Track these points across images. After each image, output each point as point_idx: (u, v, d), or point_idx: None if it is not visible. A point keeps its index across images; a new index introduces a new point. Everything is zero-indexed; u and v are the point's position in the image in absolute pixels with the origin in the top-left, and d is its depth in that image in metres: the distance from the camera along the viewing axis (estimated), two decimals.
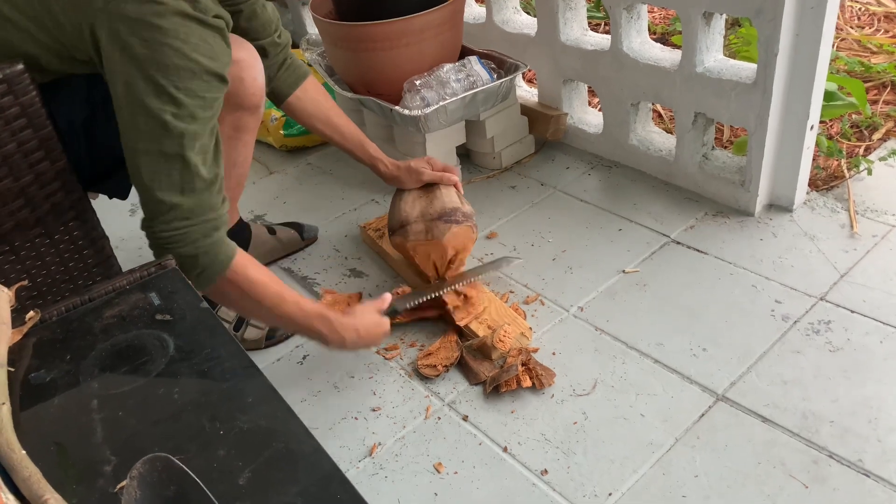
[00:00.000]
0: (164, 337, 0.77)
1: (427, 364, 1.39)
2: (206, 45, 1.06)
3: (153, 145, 1.07)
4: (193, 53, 1.04)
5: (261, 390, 0.69)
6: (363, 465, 1.24)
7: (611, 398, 1.30)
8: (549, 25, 1.91)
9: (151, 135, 1.06)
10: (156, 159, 1.07)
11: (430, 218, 1.52)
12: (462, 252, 1.53)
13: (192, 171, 1.09)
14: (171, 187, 1.09)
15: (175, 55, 1.03)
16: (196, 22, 1.04)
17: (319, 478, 0.60)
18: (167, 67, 1.03)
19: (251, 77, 1.25)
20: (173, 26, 1.02)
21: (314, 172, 2.11)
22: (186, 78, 1.05)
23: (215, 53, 1.07)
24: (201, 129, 1.09)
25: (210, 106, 1.10)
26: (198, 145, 1.09)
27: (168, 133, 1.06)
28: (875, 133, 1.94)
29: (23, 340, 0.78)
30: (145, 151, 1.07)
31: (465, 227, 1.50)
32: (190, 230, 1.10)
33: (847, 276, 1.48)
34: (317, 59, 2.10)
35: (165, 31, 1.02)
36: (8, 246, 1.12)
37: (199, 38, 1.05)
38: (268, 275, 1.21)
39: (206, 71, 1.06)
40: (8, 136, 1.04)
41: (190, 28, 1.04)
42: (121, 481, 0.58)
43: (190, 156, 1.08)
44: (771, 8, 1.43)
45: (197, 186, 1.10)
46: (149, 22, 1.01)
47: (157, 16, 1.01)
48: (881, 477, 1.11)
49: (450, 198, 1.56)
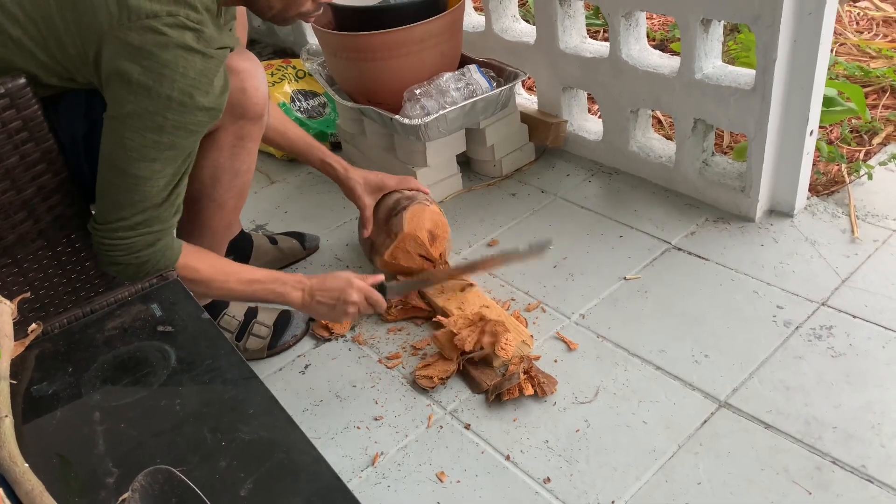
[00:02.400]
0: (165, 348, 0.77)
1: (424, 375, 1.39)
2: (205, 80, 1.07)
3: (124, 164, 1.08)
4: (190, 88, 1.05)
5: (262, 401, 0.70)
6: (365, 475, 1.24)
7: (613, 405, 1.30)
8: (548, 33, 1.91)
9: (125, 155, 1.08)
10: (121, 176, 1.09)
11: (383, 224, 1.59)
12: (436, 228, 1.57)
13: (152, 194, 1.11)
14: (126, 204, 1.11)
15: (171, 87, 1.04)
16: (198, 55, 1.05)
17: (321, 488, 0.61)
18: (160, 97, 1.04)
19: (253, 87, 1.26)
20: (174, 58, 1.03)
21: (315, 182, 2.11)
22: (177, 111, 1.06)
23: (212, 87, 1.08)
24: (177, 155, 1.11)
25: (194, 134, 1.12)
26: (168, 170, 1.11)
27: (142, 158, 1.08)
28: (875, 138, 1.94)
29: (25, 353, 0.78)
30: (114, 167, 1.09)
31: (414, 207, 1.55)
32: (134, 241, 1.13)
33: (848, 281, 1.48)
34: (317, 69, 2.11)
35: (165, 63, 1.03)
36: (10, 258, 1.12)
37: (198, 72, 1.05)
38: (213, 263, 1.26)
39: (198, 107, 1.08)
40: (10, 150, 1.05)
41: (190, 62, 1.04)
42: (123, 494, 0.59)
43: (156, 181, 1.10)
44: (769, 14, 1.44)
45: (151, 206, 1.12)
46: (150, 52, 1.02)
47: (159, 47, 1.02)
48: (885, 483, 1.11)
49: (391, 197, 1.62)
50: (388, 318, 1.55)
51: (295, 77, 2.31)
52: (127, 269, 1.14)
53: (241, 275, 1.30)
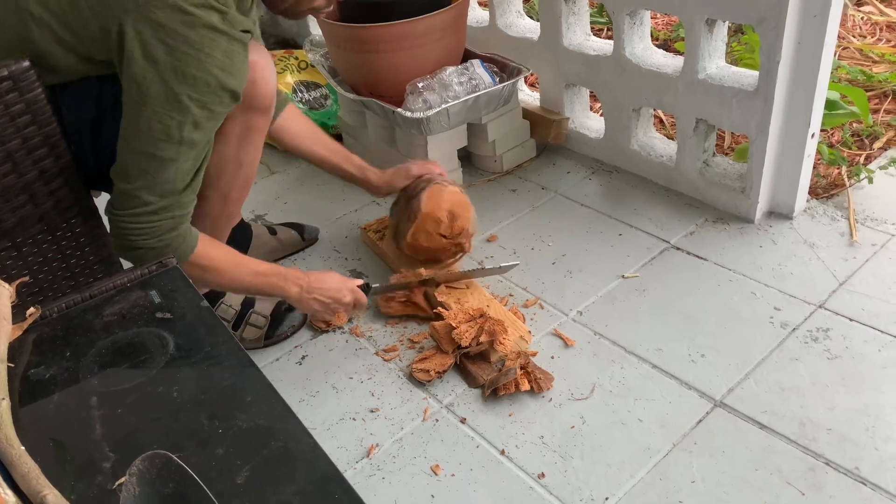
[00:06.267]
0: (164, 335, 0.77)
1: (421, 368, 1.39)
2: (228, 61, 1.07)
3: (149, 147, 1.09)
4: (214, 68, 1.06)
5: (260, 389, 0.70)
6: (360, 466, 1.25)
7: (609, 403, 1.30)
8: (552, 30, 1.91)
9: (150, 137, 1.08)
10: (147, 160, 1.10)
11: (404, 207, 1.59)
12: (456, 207, 1.55)
13: (176, 178, 1.12)
14: (151, 188, 1.12)
15: (195, 66, 1.04)
16: (223, 36, 1.05)
17: (317, 477, 0.61)
18: (185, 77, 1.05)
19: (264, 79, 1.26)
20: (199, 38, 1.03)
21: (316, 173, 2.11)
22: (202, 90, 1.07)
23: (235, 69, 1.09)
24: (201, 138, 1.12)
25: (217, 119, 1.13)
26: (192, 154, 1.12)
27: (168, 139, 1.08)
28: (876, 142, 1.94)
29: (23, 336, 0.78)
30: (139, 151, 1.09)
31: (432, 189, 1.55)
32: (157, 225, 1.14)
33: (846, 285, 1.48)
34: (320, 61, 2.10)
35: (191, 42, 1.03)
36: (10, 242, 1.12)
37: (222, 52, 1.06)
38: (226, 254, 1.28)
39: (221, 87, 1.08)
40: (13, 133, 1.05)
41: (215, 42, 1.05)
42: (119, 478, 0.59)
43: (181, 164, 1.11)
44: (774, 16, 1.44)
45: (176, 190, 1.14)
46: (176, 30, 1.02)
47: (185, 25, 1.02)
48: (878, 485, 1.11)
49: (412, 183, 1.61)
50: (390, 311, 1.55)
51: (297, 68, 2.31)
52: (147, 253, 1.15)
53: (251, 266, 1.31)
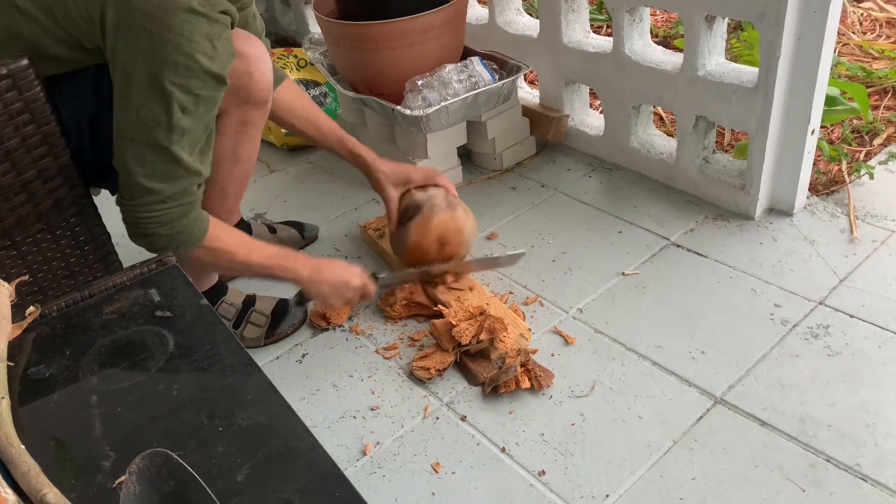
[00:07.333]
0: (163, 333, 0.77)
1: (421, 366, 1.39)
2: (209, 44, 1.07)
3: (141, 134, 1.09)
4: (195, 53, 1.06)
5: (260, 388, 0.69)
6: (361, 464, 1.25)
7: (609, 400, 1.30)
8: (552, 27, 1.91)
9: (141, 124, 1.08)
10: (142, 147, 1.10)
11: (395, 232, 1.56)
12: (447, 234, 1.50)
13: (176, 163, 1.12)
14: (153, 175, 1.12)
15: (176, 52, 1.04)
16: (203, 18, 1.05)
17: (317, 475, 0.60)
18: (166, 62, 1.04)
19: (259, 72, 1.26)
20: (179, 22, 1.03)
21: (315, 171, 2.11)
22: (183, 75, 1.06)
23: (217, 53, 1.08)
24: (192, 124, 1.11)
25: (204, 103, 1.12)
26: (186, 140, 1.11)
27: (157, 125, 1.08)
28: (876, 138, 1.94)
29: (23, 335, 0.78)
30: (131, 138, 1.10)
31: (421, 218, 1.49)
32: (167, 213, 1.15)
33: (846, 281, 1.48)
34: (319, 58, 2.10)
35: (170, 27, 1.03)
36: (9, 241, 1.12)
37: (202, 35, 1.06)
38: (237, 237, 1.28)
39: (203, 70, 1.08)
40: (12, 131, 1.05)
41: (196, 25, 1.04)
42: (119, 476, 0.59)
43: (176, 149, 1.11)
44: (773, 12, 1.44)
45: (179, 176, 1.13)
46: (156, 15, 1.02)
47: (164, 10, 1.02)
48: (878, 481, 1.11)
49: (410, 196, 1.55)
50: (392, 314, 1.54)
51: (296, 66, 2.31)
52: (160, 239, 1.16)
53: (262, 250, 1.31)
